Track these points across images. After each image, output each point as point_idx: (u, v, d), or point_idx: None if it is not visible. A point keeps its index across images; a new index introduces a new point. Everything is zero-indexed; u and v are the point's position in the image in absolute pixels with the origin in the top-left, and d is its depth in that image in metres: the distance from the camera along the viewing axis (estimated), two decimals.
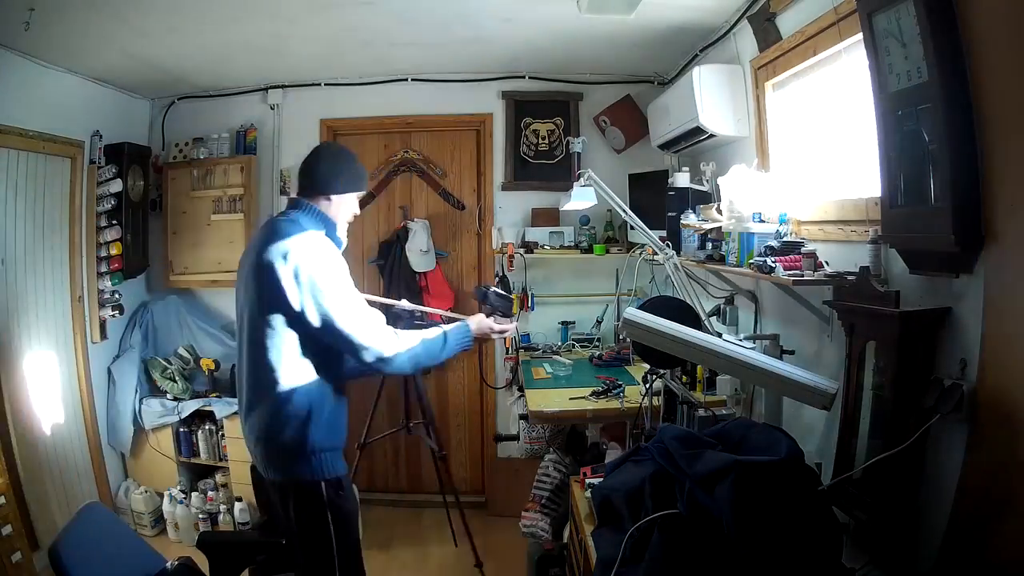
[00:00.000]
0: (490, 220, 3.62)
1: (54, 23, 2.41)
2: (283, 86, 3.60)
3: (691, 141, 2.72)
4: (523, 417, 2.86)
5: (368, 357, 1.71)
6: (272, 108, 3.62)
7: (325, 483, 1.73)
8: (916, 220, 1.35)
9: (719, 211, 2.23)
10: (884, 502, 1.43)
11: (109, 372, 3.39)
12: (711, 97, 2.45)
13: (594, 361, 3.17)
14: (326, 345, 1.71)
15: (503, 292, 2.26)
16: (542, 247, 3.46)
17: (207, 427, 3.36)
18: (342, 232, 1.85)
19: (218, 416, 3.27)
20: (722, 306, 2.36)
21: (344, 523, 1.78)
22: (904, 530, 1.41)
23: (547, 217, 3.58)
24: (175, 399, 3.34)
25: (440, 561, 3.16)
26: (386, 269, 3.56)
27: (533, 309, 3.56)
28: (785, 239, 1.84)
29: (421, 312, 2.36)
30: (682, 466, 1.44)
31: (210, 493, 3.32)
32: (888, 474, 1.42)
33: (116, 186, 3.25)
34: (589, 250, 3.43)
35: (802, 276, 1.65)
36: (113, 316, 3.33)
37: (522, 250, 3.45)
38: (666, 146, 3.05)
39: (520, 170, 3.63)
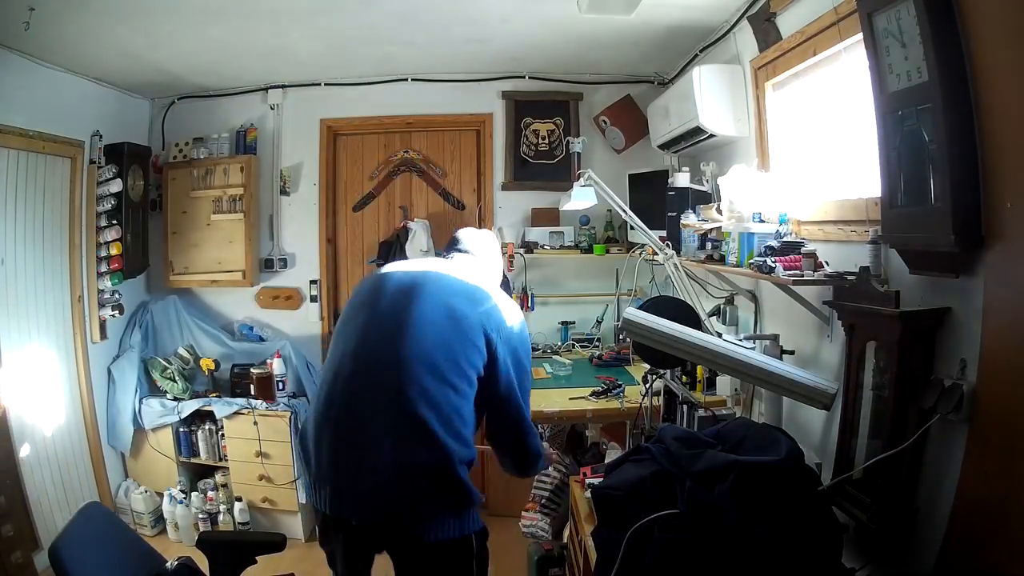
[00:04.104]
0: (490, 220, 3.62)
1: (54, 23, 2.41)
2: (283, 86, 3.60)
3: (691, 141, 2.72)
4: None
5: None
6: (272, 108, 3.62)
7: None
8: (916, 220, 1.34)
9: (719, 211, 2.23)
10: (884, 502, 1.43)
11: (109, 372, 3.39)
12: (711, 97, 2.45)
13: (594, 361, 3.17)
14: None
15: None
16: (542, 247, 3.46)
17: (207, 427, 3.36)
18: None
19: (218, 416, 3.27)
20: (722, 306, 2.36)
21: None
22: (904, 530, 1.41)
23: (547, 217, 3.58)
24: (175, 399, 3.34)
25: None
26: None
27: (533, 309, 3.56)
28: (785, 239, 1.84)
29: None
30: (682, 466, 1.44)
31: (210, 493, 3.32)
32: (888, 474, 1.42)
33: (116, 186, 3.25)
34: (589, 250, 3.43)
35: (802, 276, 1.65)
36: (113, 316, 3.33)
37: (522, 250, 3.45)
38: (666, 146, 3.05)
39: (520, 170, 3.63)
